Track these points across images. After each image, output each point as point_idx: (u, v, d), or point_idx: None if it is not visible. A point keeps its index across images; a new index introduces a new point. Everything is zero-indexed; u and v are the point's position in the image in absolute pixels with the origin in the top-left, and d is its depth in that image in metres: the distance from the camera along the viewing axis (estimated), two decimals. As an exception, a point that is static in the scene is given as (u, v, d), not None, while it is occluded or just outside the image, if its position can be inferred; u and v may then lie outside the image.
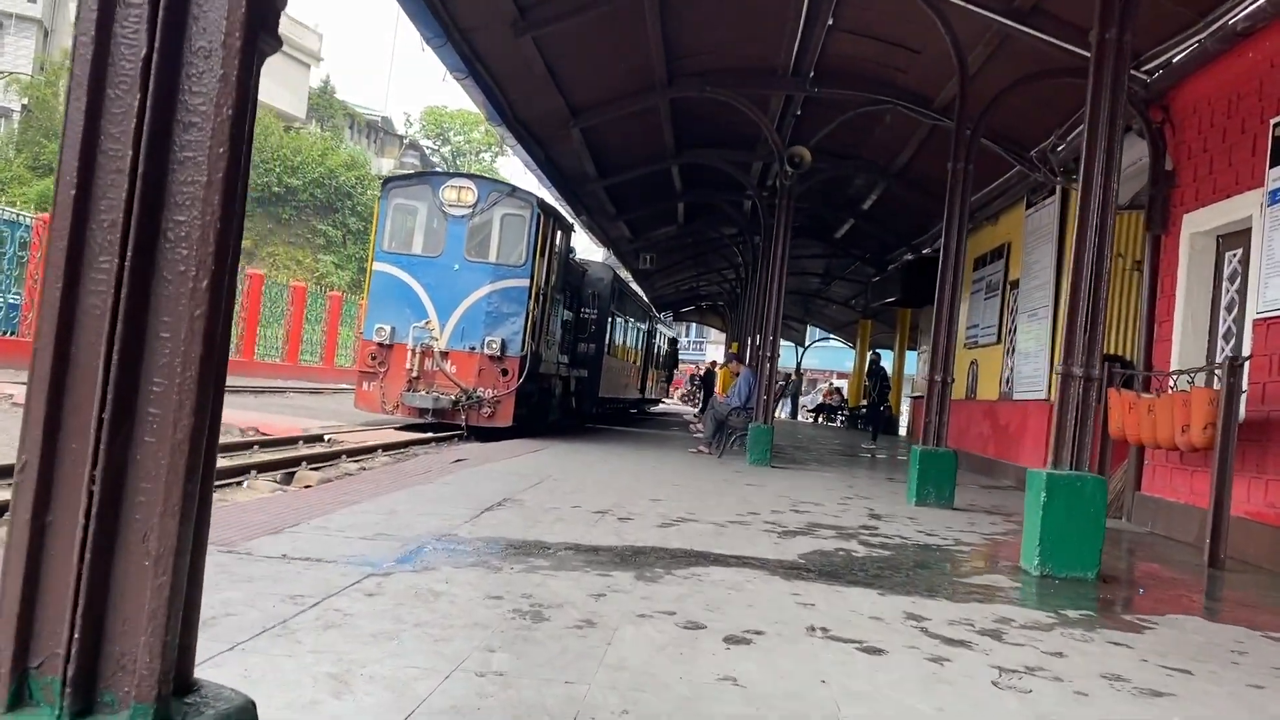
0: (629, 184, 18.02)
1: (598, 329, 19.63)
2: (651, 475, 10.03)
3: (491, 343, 13.61)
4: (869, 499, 9.68)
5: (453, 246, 13.89)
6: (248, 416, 12.28)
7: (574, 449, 12.67)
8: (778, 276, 12.89)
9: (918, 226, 19.11)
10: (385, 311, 13.92)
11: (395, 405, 13.73)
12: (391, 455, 10.75)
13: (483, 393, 13.68)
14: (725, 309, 39.28)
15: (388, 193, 14.17)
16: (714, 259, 28.54)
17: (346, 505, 6.22)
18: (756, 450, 12.63)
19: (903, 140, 14.95)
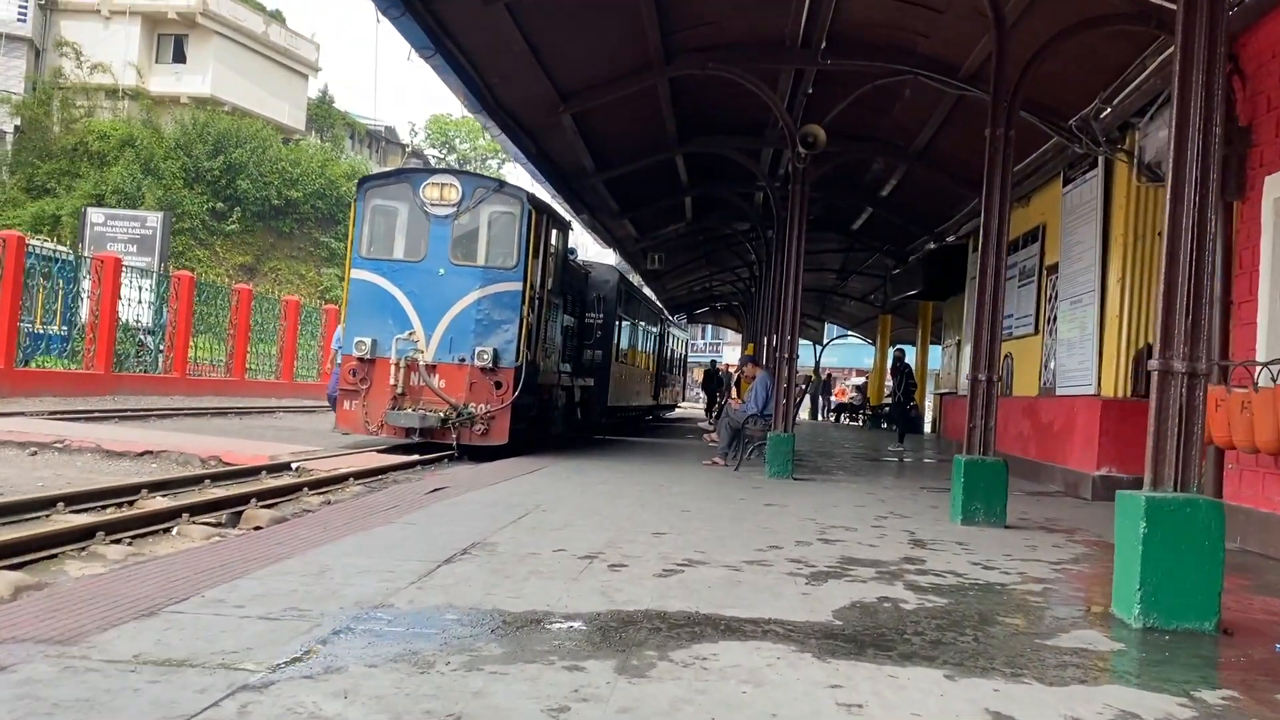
0: (631, 178, 16.84)
1: (604, 334, 18.44)
2: (658, 498, 8.81)
3: (483, 353, 12.43)
4: (906, 518, 8.43)
5: (437, 249, 12.72)
6: (214, 444, 11.15)
7: (575, 467, 11.47)
8: (794, 270, 11.66)
9: (941, 213, 17.84)
10: (365, 323, 12.77)
11: (379, 425, 12.57)
12: (365, 484, 9.59)
13: (475, 408, 12.50)
14: (740, 309, 38.02)
15: (364, 193, 13.02)
16: (726, 256, 27.33)
17: (272, 561, 5.04)
18: (777, 461, 11.40)
19: (923, 116, 13.70)
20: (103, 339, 17.80)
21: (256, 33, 45.03)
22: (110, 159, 39.38)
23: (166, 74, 43.22)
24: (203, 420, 15.91)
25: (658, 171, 16.88)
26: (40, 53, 41.73)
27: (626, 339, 21.75)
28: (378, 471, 10.24)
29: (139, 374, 19.46)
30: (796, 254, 11.69)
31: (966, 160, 14.71)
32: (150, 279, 20.17)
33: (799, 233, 11.68)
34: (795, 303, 11.72)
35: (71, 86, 41.09)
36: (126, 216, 26.12)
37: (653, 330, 26.18)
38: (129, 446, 10.29)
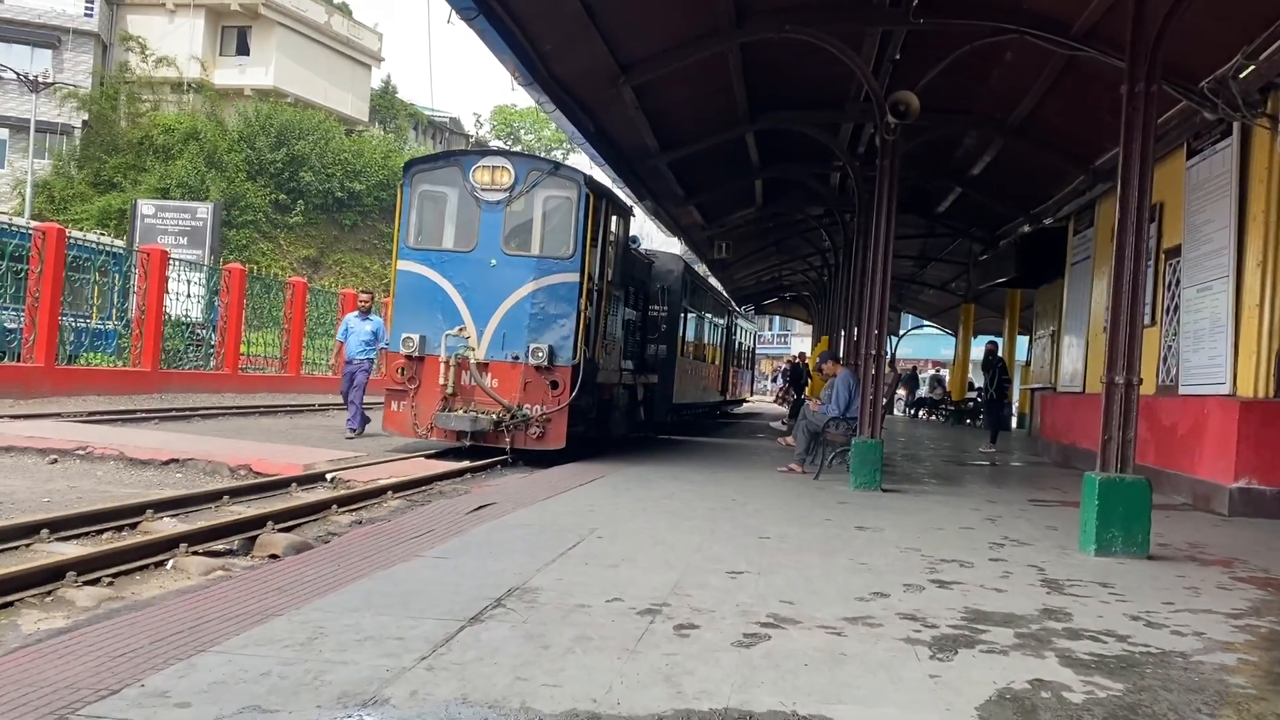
0: (697, 159, 15.67)
1: (668, 328, 17.30)
2: (730, 518, 7.68)
3: (537, 350, 11.40)
4: (1026, 545, 7.18)
5: (488, 238, 11.72)
6: (249, 450, 10.28)
7: (637, 476, 10.39)
8: (882, 255, 10.41)
9: (1038, 192, 16.35)
10: (413, 318, 11.82)
11: (429, 428, 11.62)
12: (406, 498, 8.62)
13: (529, 410, 11.48)
14: (811, 300, 36.58)
15: (411, 178, 12.06)
16: (798, 244, 25.99)
17: (256, 621, 4.05)
18: (863, 472, 10.17)
19: (1025, 84, 12.29)
20: (149, 335, 17.19)
21: (319, 23, 44.73)
22: (175, 152, 39.36)
23: (230, 66, 43.14)
24: (249, 420, 15.17)
25: (726, 152, 15.69)
26: (107, 47, 41.89)
27: (693, 332, 20.60)
28: (421, 483, 9.27)
29: (189, 371, 18.86)
30: (885, 237, 10.43)
31: (1073, 133, 13.29)
32: (200, 272, 19.60)
33: (887, 213, 10.42)
34: (883, 291, 10.47)
35: (137, 80, 41.17)
36: (176, 208, 25.72)
37: (719, 322, 24.97)
38: (154, 454, 9.47)
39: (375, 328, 14.19)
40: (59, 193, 37.87)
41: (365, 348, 14.03)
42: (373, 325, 14.22)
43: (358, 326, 14.13)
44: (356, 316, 14.34)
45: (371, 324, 14.23)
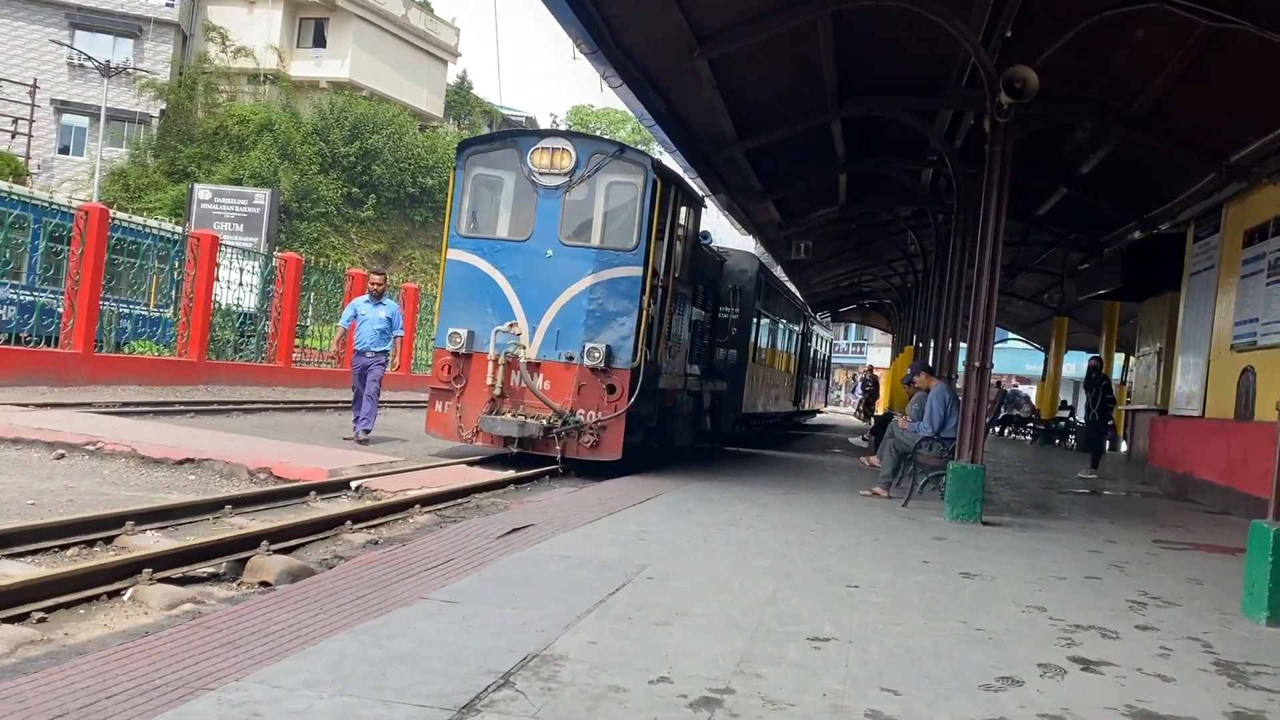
0: (778, 149, 14.43)
1: (739, 331, 16.07)
2: (808, 556, 6.47)
3: (594, 351, 10.31)
4: (1175, 606, 5.84)
5: (545, 226, 10.66)
6: (274, 450, 9.34)
7: (699, 495, 9.23)
8: (990, 252, 9.08)
9: (1156, 194, 14.78)
10: (462, 311, 10.83)
11: (474, 431, 10.61)
12: (436, 513, 7.58)
13: (583, 416, 10.39)
14: (892, 307, 34.95)
15: (464, 160, 11.06)
16: (882, 247, 24.52)
17: (171, 701, 2.99)
18: (961, 501, 8.86)
19: (1155, 67, 10.82)
20: (197, 324, 16.49)
21: (396, 17, 44.44)
22: (249, 143, 39.28)
23: (307, 58, 43.04)
24: (293, 416, 14.35)
25: (809, 143, 14.43)
26: (187, 38, 42.05)
27: (765, 337, 19.33)
28: (457, 495, 8.22)
29: (238, 363, 18.16)
30: (994, 231, 9.10)
31: (1205, 124, 11.77)
32: (255, 260, 18.97)
33: (996, 205, 9.08)
34: (990, 294, 9.14)
35: (215, 71, 41.24)
36: (233, 193, 25.26)
37: (795, 328, 23.63)
38: (168, 452, 8.59)
39: (390, 313, 12.54)
40: (134, 181, 38.02)
41: (379, 337, 12.29)
42: (387, 311, 12.54)
43: (370, 313, 12.37)
44: (367, 301, 12.58)
45: (386, 309, 12.54)
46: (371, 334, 12.25)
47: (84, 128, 39.26)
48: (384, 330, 12.30)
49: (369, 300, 12.59)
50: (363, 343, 12.28)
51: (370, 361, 12.17)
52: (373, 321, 12.29)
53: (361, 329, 12.31)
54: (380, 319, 12.31)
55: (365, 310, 12.41)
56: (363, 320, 12.31)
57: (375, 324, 12.28)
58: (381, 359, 12.27)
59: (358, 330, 12.36)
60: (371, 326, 12.26)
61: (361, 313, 12.40)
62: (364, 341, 12.27)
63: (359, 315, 12.40)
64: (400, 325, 12.73)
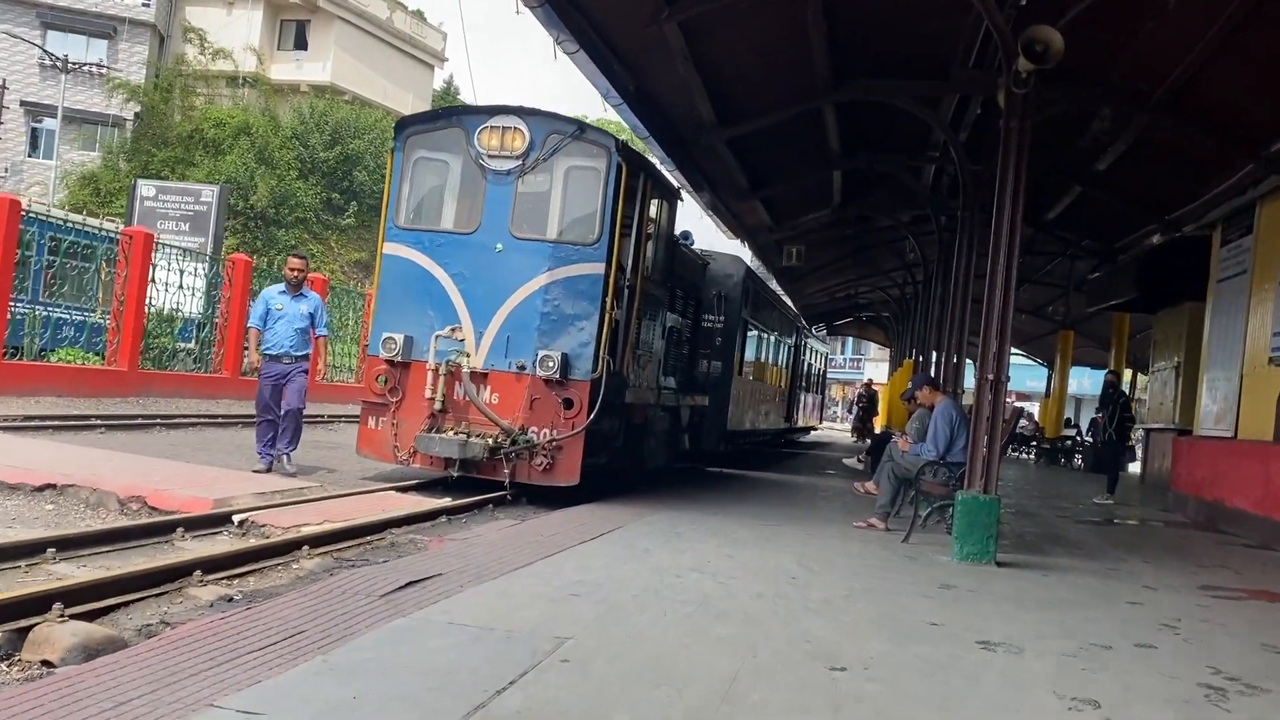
0: (765, 140, 13.14)
1: (724, 342, 14.71)
2: (786, 616, 5.11)
3: (548, 360, 8.95)
4: (1261, 692, 4.47)
5: (494, 217, 9.32)
6: (156, 476, 7.91)
7: (667, 525, 7.86)
8: (1005, 248, 7.74)
9: (1182, 192, 13.46)
10: (398, 314, 9.48)
11: (411, 452, 9.24)
12: (333, 554, 6.19)
13: (535, 434, 9.03)
14: (890, 320, 33.65)
15: (403, 141, 9.72)
16: (878, 256, 23.22)
17: None
18: (972, 539, 7.48)
19: (1186, 42, 9.52)
20: (128, 329, 15.06)
21: (380, 19, 43.22)
22: (225, 147, 37.95)
23: (287, 61, 41.79)
24: (227, 432, 12.95)
25: (800, 133, 13.13)
26: (165, 39, 40.80)
27: (754, 349, 17.97)
28: (368, 531, 6.83)
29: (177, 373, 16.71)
30: (1010, 225, 7.76)
31: (1242, 108, 10.48)
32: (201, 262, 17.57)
33: (1013, 193, 7.75)
34: (1007, 297, 7.80)
35: (193, 73, 39.96)
36: (178, 190, 23.75)
37: (787, 341, 22.27)
38: (26, 477, 7.19)
39: (314, 308, 10.12)
40: (105, 185, 36.67)
41: (298, 338, 9.92)
42: (309, 304, 10.08)
43: (289, 308, 9.91)
44: (283, 292, 10.05)
45: (308, 302, 10.08)
46: (290, 334, 9.89)
47: (55, 130, 37.92)
48: (304, 328, 9.98)
49: (286, 291, 10.07)
50: (279, 345, 9.83)
51: (290, 369, 9.82)
52: (292, 318, 9.90)
53: (277, 328, 9.87)
54: (301, 315, 9.95)
55: (281, 303, 9.94)
56: (278, 317, 9.88)
57: (295, 321, 9.91)
58: (303, 366, 9.99)
59: (271, 329, 9.90)
60: (290, 324, 9.88)
61: (276, 306, 9.92)
62: (280, 343, 9.83)
63: (272, 310, 9.91)
64: (324, 323, 10.43)
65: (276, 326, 9.92)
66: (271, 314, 9.94)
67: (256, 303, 10.36)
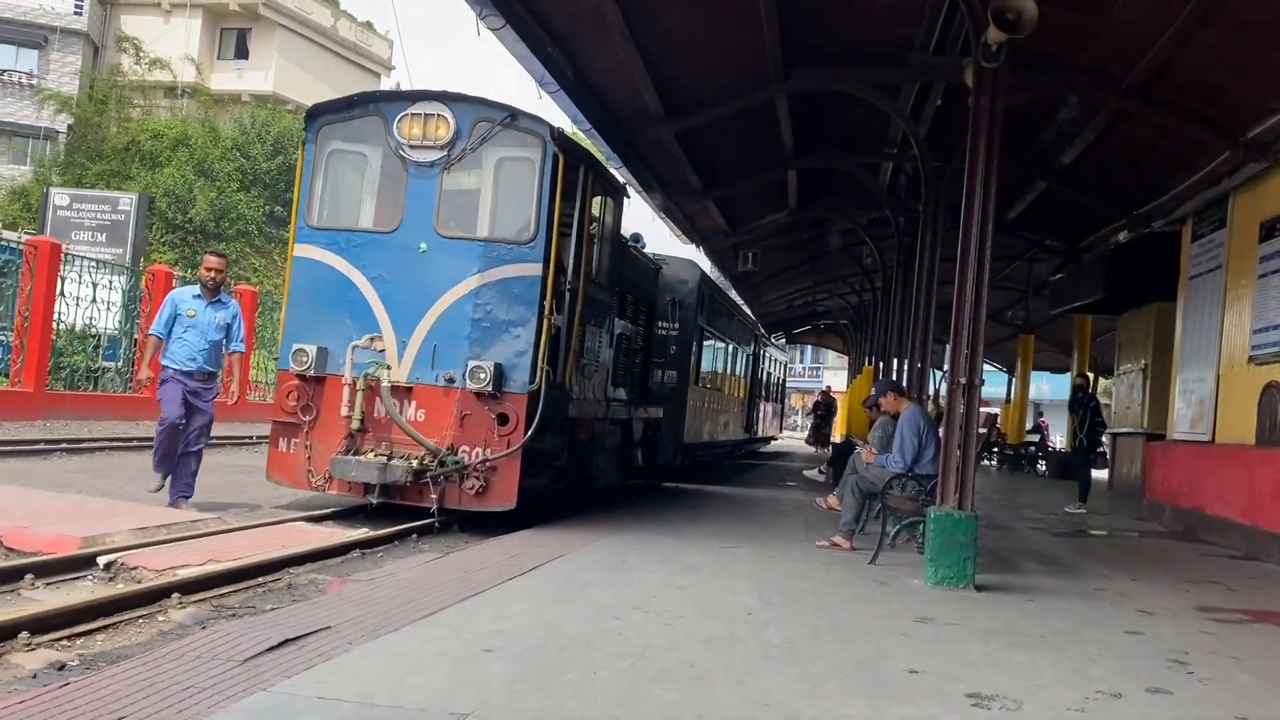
0: (716, 136, 12.41)
1: (679, 350, 13.96)
2: (740, 672, 4.29)
3: (480, 371, 8.09)
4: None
5: (418, 214, 8.45)
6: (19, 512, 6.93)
7: (613, 553, 7.04)
8: (978, 237, 7.02)
9: (1151, 185, 12.90)
10: (311, 323, 8.57)
11: (326, 477, 8.31)
12: (210, 602, 5.28)
13: (466, 454, 8.15)
14: (848, 328, 33.12)
15: (316, 131, 8.81)
16: (836, 261, 22.60)
17: None
18: (947, 561, 6.73)
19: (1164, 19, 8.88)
20: (33, 347, 13.94)
21: (325, 27, 42.09)
22: (163, 159, 36.61)
23: (228, 70, 40.55)
24: (138, 457, 11.83)
25: (753, 129, 12.40)
26: (99, 49, 39.42)
27: (711, 358, 17.22)
28: (261, 571, 5.92)
29: (89, 394, 15.58)
30: (981, 215, 7.05)
31: (1224, 92, 9.86)
32: (120, 274, 16.45)
33: (985, 177, 7.05)
34: (980, 292, 7.08)
35: (128, 84, 38.57)
36: (95, 198, 22.49)
37: (746, 349, 21.55)
38: None
39: (232, 317, 8.74)
40: (36, 200, 35.14)
41: (212, 352, 8.55)
42: (227, 314, 8.68)
43: (203, 315, 8.47)
44: (197, 296, 8.57)
45: (225, 312, 8.67)
46: (203, 346, 8.45)
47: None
48: (220, 343, 8.62)
49: (201, 296, 8.57)
50: (189, 359, 8.36)
51: (200, 389, 8.46)
52: (205, 328, 8.47)
53: (186, 338, 8.40)
54: (217, 325, 8.55)
55: (194, 309, 8.47)
56: (188, 325, 8.42)
57: (209, 332, 8.50)
58: (214, 389, 8.70)
59: (179, 339, 8.41)
60: (203, 335, 8.45)
61: (188, 313, 8.43)
62: (191, 358, 8.36)
63: (182, 317, 8.42)
64: (241, 337, 8.92)
65: (186, 336, 8.44)
66: (180, 321, 8.46)
67: (163, 305, 8.75)
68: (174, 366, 8.41)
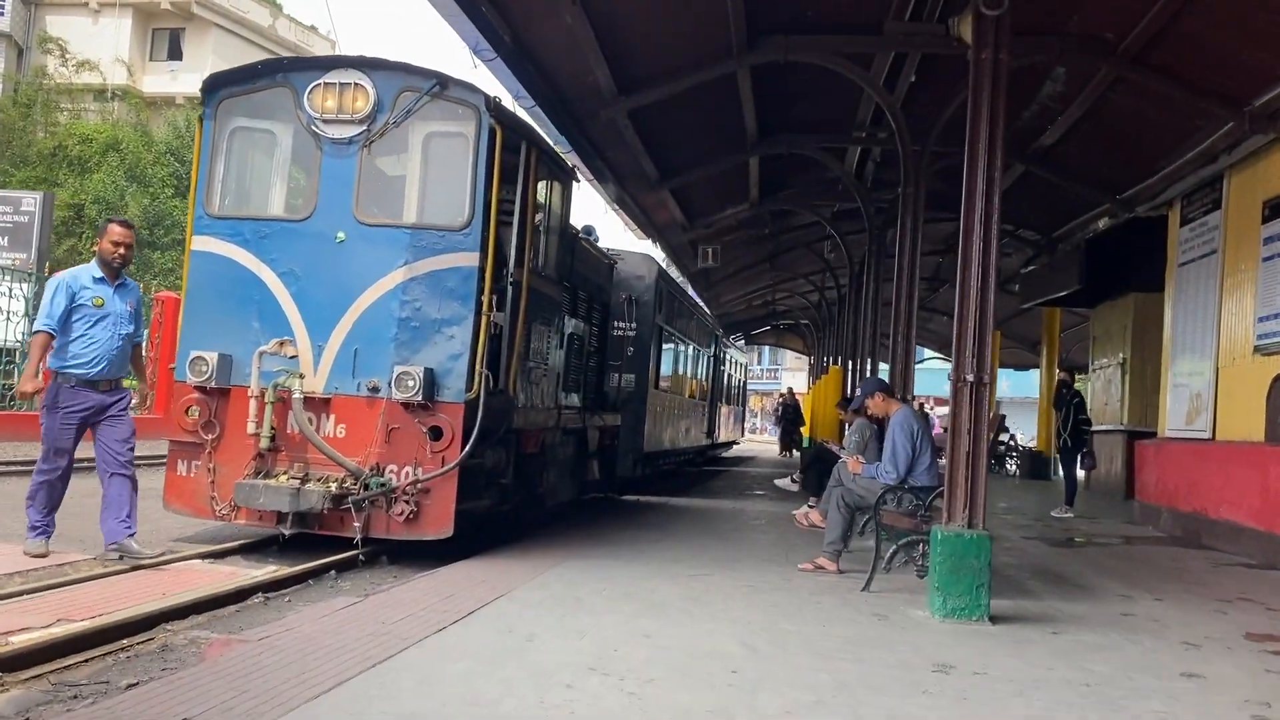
0: (674, 119, 11.41)
1: (637, 352, 12.91)
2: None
3: (408, 378, 6.98)
4: None
5: (334, 199, 7.32)
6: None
7: (563, 592, 5.97)
8: (983, 212, 6.09)
9: (1137, 166, 12.08)
10: (211, 326, 7.39)
11: (231, 505, 7.14)
12: (52, 679, 4.14)
13: (394, 474, 7.03)
14: (809, 328, 32.34)
15: (215, 105, 7.64)
16: (798, 258, 21.73)
17: None
18: (959, 589, 5.77)
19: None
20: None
21: (262, 26, 40.52)
22: (92, 165, 34.86)
23: (161, 72, 38.81)
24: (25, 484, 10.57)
25: (714, 110, 11.42)
26: (23, 51, 37.56)
27: (671, 360, 16.20)
28: (125, 631, 4.76)
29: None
30: (985, 183, 6.11)
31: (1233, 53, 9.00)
32: (23, 281, 15.02)
33: (990, 139, 6.11)
34: (986, 276, 6.13)
35: (55, 87, 36.77)
36: None
37: (706, 350, 20.56)
38: None
39: (137, 302, 6.90)
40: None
41: (122, 350, 6.64)
42: (134, 298, 6.85)
43: (111, 304, 6.57)
44: (99, 280, 6.59)
45: (133, 295, 6.84)
46: (115, 345, 6.57)
47: (-104, 150, 34.41)
48: (128, 334, 6.67)
49: (103, 280, 6.60)
50: (97, 361, 6.49)
51: (110, 402, 6.59)
52: (117, 318, 6.59)
53: (93, 334, 6.47)
54: (126, 315, 6.65)
55: (101, 297, 6.52)
56: (95, 317, 6.47)
57: (121, 324, 6.60)
58: (123, 395, 6.75)
59: (84, 336, 6.45)
60: (115, 329, 6.57)
61: (93, 301, 6.48)
62: (99, 359, 6.48)
63: (83, 306, 6.44)
64: (144, 321, 7.24)
65: (92, 332, 6.43)
66: (82, 313, 6.43)
67: (52, 291, 6.46)
68: (77, 372, 6.44)
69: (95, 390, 6.56)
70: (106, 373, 6.61)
